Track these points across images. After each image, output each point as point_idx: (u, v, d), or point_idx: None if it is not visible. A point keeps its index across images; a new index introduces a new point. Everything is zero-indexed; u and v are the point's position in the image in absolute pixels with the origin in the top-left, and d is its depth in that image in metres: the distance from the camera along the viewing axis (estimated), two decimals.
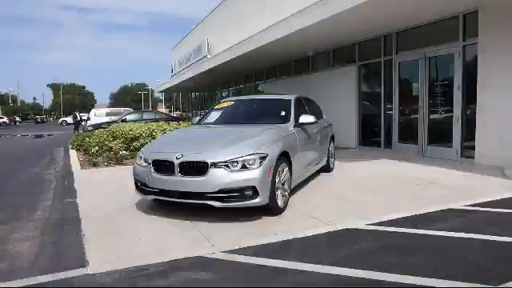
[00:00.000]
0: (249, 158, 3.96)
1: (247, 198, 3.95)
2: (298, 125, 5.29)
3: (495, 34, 7.13)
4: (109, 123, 15.21)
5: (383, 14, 8.19)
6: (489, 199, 4.87)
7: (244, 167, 3.95)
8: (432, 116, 8.82)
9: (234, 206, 4.00)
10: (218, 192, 3.92)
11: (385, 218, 4.17)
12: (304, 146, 5.29)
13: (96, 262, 3.12)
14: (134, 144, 9.52)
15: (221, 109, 5.99)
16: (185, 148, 4.26)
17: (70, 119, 42.59)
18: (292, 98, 5.78)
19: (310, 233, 3.74)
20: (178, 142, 4.80)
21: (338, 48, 11.91)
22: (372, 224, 3.98)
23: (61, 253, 3.36)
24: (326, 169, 6.86)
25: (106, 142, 9.72)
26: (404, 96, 9.59)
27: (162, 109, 71.65)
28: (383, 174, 6.77)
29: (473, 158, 7.67)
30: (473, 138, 7.71)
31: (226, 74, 20.00)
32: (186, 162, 4.03)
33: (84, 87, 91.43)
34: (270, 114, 5.61)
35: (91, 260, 3.15)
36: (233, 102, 6.06)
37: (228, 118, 5.73)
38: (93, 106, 75.24)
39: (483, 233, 3.61)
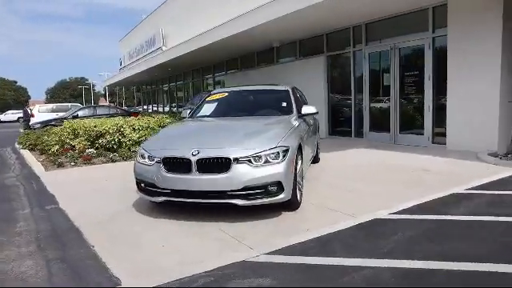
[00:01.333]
0: (272, 151, 3.74)
1: (272, 195, 3.73)
2: (300, 116, 5.15)
3: (464, 25, 7.53)
4: (59, 120, 13.92)
5: (351, 6, 8.36)
6: (484, 182, 5.14)
7: (267, 162, 3.71)
8: (403, 105, 9.18)
9: (259, 204, 3.76)
10: (243, 189, 3.65)
11: (401, 207, 4.18)
12: (307, 137, 5.18)
13: (127, 278, 2.72)
14: (100, 141, 8.74)
15: (214, 101, 5.65)
16: (198, 143, 3.91)
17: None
18: (289, 88, 5.62)
19: (340, 227, 3.62)
20: (185, 136, 4.41)
21: (305, 39, 11.93)
22: (394, 213, 3.98)
23: (78, 271, 2.89)
24: (315, 159, 6.83)
25: (68, 140, 8.82)
26: (375, 86, 9.87)
27: (106, 103, 67.67)
28: (371, 163, 6.90)
29: (444, 144, 8.11)
30: (444, 126, 8.14)
31: (181, 67, 19.24)
32: (205, 159, 3.69)
33: (15, 82, 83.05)
34: (269, 105, 5.41)
35: (121, 276, 2.74)
36: (226, 94, 5.74)
37: (226, 111, 5.41)
38: (27, 102, 68.78)
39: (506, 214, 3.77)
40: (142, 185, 4.09)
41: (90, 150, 8.36)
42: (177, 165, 3.79)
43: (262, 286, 2.51)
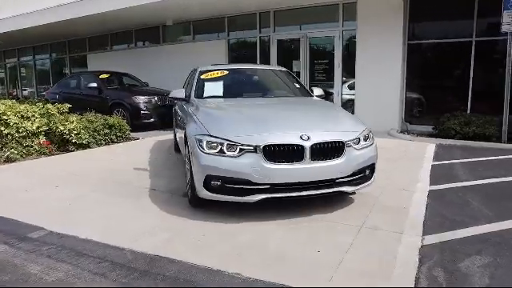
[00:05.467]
0: (365, 134, 3.53)
1: (367, 178, 3.55)
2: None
3: (371, 22, 8.74)
4: None
5: None
6: (433, 154, 6.28)
7: (363, 145, 3.48)
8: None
9: (360, 189, 3.51)
10: (351, 175, 3.34)
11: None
12: None
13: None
14: None
15: (214, 80, 4.76)
16: (290, 126, 3.32)
17: None
18: (284, 69, 5.35)
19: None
20: (254, 119, 3.56)
21: (203, 20, 11.25)
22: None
23: None
24: None
25: None
26: None
27: None
28: None
29: None
30: (352, 109, 9.36)
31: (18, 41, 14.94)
32: (319, 144, 3.16)
33: None
34: (282, 85, 5.05)
35: None
36: (226, 72, 4.91)
37: (239, 91, 4.66)
38: None
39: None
40: (218, 183, 3.16)
41: None
42: (282, 153, 3.10)
43: None
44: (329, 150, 3.21)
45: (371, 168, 3.58)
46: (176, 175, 4.85)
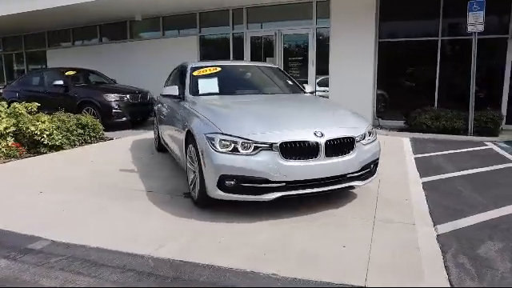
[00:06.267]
0: (369, 129, 3.61)
1: (372, 173, 3.63)
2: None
3: (344, 20, 8.98)
4: None
5: None
6: (411, 148, 6.54)
7: (369, 140, 3.56)
8: None
9: (368, 183, 3.58)
10: (360, 170, 3.39)
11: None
12: None
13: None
14: None
15: (207, 76, 4.62)
16: (299, 123, 3.32)
17: None
18: (275, 66, 5.33)
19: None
20: (265, 117, 3.47)
21: (173, 15, 10.92)
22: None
23: None
24: None
25: None
26: None
27: None
28: None
29: None
30: None
31: None
32: (333, 140, 3.18)
33: None
34: (276, 82, 5.01)
35: None
36: (219, 69, 4.77)
37: (234, 88, 4.57)
38: None
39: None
40: (232, 182, 3.07)
41: None
42: (298, 150, 3.08)
43: None
44: (341, 146, 3.24)
45: (375, 163, 3.66)
46: (167, 176, 4.67)
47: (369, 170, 3.55)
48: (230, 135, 3.10)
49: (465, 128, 7.64)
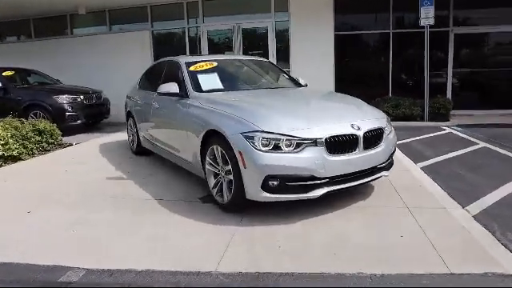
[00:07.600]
0: (387, 119, 3.70)
1: (392, 163, 3.72)
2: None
3: (302, 12, 9.09)
4: None
5: None
6: None
7: (387, 132, 3.63)
8: None
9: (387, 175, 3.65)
10: (387, 160, 3.46)
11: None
12: None
13: None
14: None
15: (206, 71, 4.31)
16: (333, 117, 3.27)
17: None
18: (266, 59, 5.21)
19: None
20: (297, 112, 3.32)
21: (122, 8, 10.07)
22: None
23: None
24: None
25: None
26: None
27: None
28: None
29: None
30: None
31: None
32: (369, 132, 3.18)
33: None
34: (276, 76, 4.91)
35: None
36: (215, 64, 4.48)
37: (236, 83, 4.36)
38: None
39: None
40: (276, 182, 2.91)
41: None
42: (340, 144, 3.03)
43: None
44: (373, 138, 3.26)
45: (394, 153, 3.76)
46: (165, 180, 4.33)
47: (391, 160, 3.64)
48: (272, 133, 2.93)
49: (421, 115, 8.28)
